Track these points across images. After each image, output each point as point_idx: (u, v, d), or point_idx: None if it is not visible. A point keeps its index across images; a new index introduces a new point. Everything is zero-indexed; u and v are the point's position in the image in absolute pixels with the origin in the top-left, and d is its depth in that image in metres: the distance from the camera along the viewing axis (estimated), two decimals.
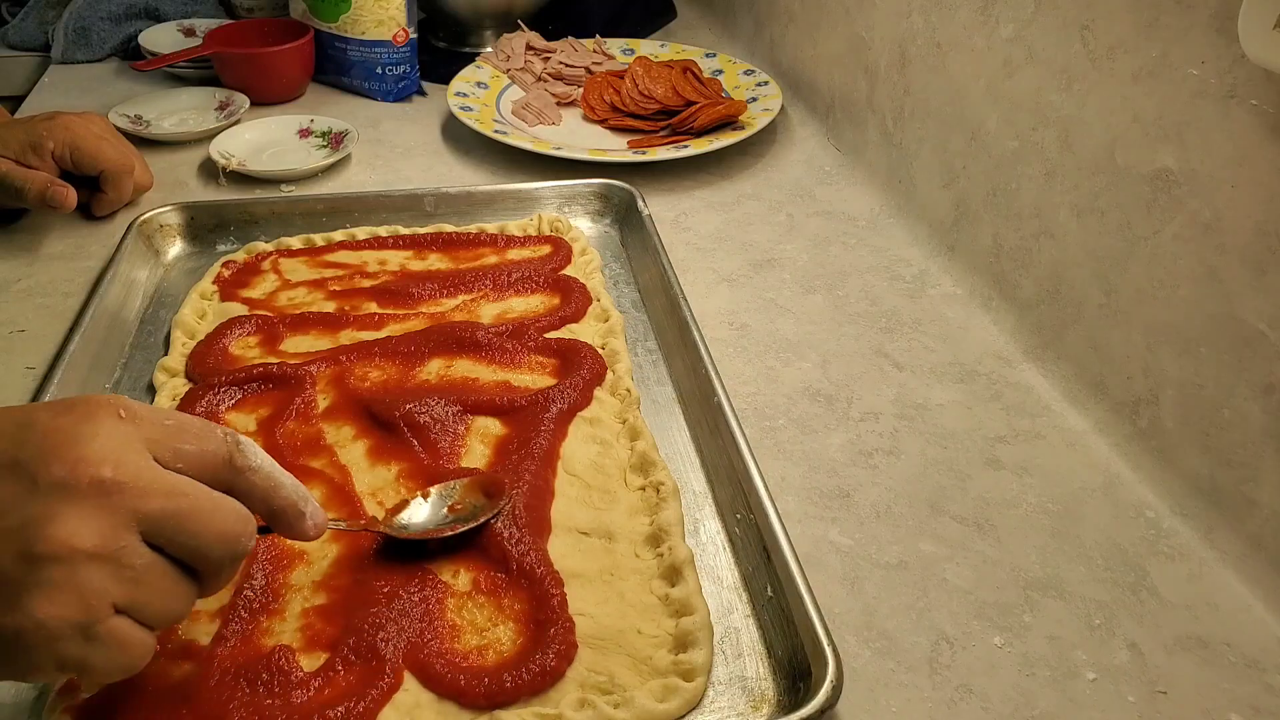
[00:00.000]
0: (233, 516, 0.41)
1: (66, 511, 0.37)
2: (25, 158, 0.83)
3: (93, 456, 0.38)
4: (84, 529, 0.37)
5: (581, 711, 0.47)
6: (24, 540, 0.37)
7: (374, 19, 1.13)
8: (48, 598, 0.37)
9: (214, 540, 0.40)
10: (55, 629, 0.37)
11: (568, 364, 0.69)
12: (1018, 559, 0.57)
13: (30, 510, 0.37)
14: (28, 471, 0.38)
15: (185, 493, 0.40)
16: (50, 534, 0.37)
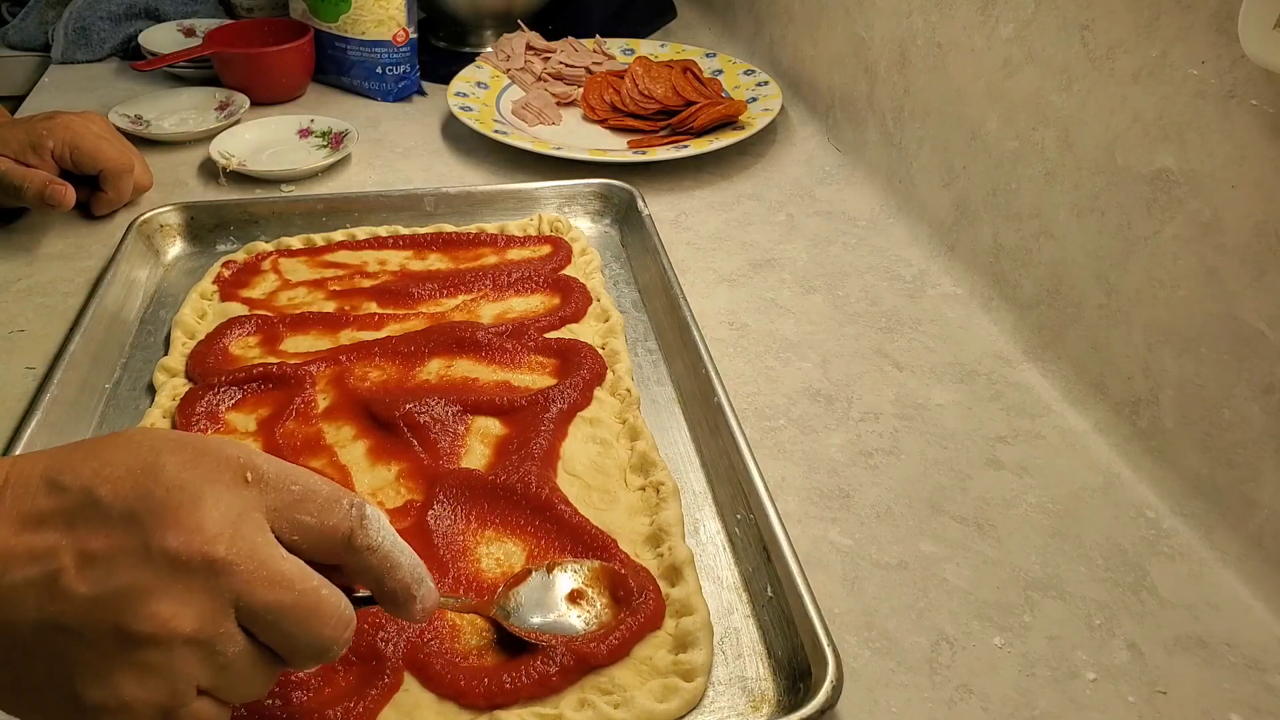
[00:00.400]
0: (333, 621, 0.39)
1: (172, 589, 0.36)
2: (25, 157, 0.83)
3: (210, 529, 0.36)
4: (186, 611, 0.36)
5: (581, 711, 0.47)
6: (124, 613, 0.35)
7: (374, 19, 1.13)
8: (138, 680, 0.36)
9: (308, 643, 0.39)
10: (139, 711, 0.36)
11: (568, 364, 0.69)
12: (1018, 559, 0.57)
13: (137, 578, 0.36)
14: (143, 529, 0.36)
15: (293, 586, 0.38)
16: (153, 612, 0.35)
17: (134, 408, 0.67)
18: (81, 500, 0.37)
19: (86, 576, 0.35)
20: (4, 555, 0.36)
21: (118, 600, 0.35)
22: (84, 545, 0.36)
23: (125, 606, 0.35)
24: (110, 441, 0.39)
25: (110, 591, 0.35)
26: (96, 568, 0.35)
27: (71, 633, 0.35)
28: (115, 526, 0.36)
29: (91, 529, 0.36)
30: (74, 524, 0.36)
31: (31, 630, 0.35)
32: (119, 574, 0.35)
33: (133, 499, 0.36)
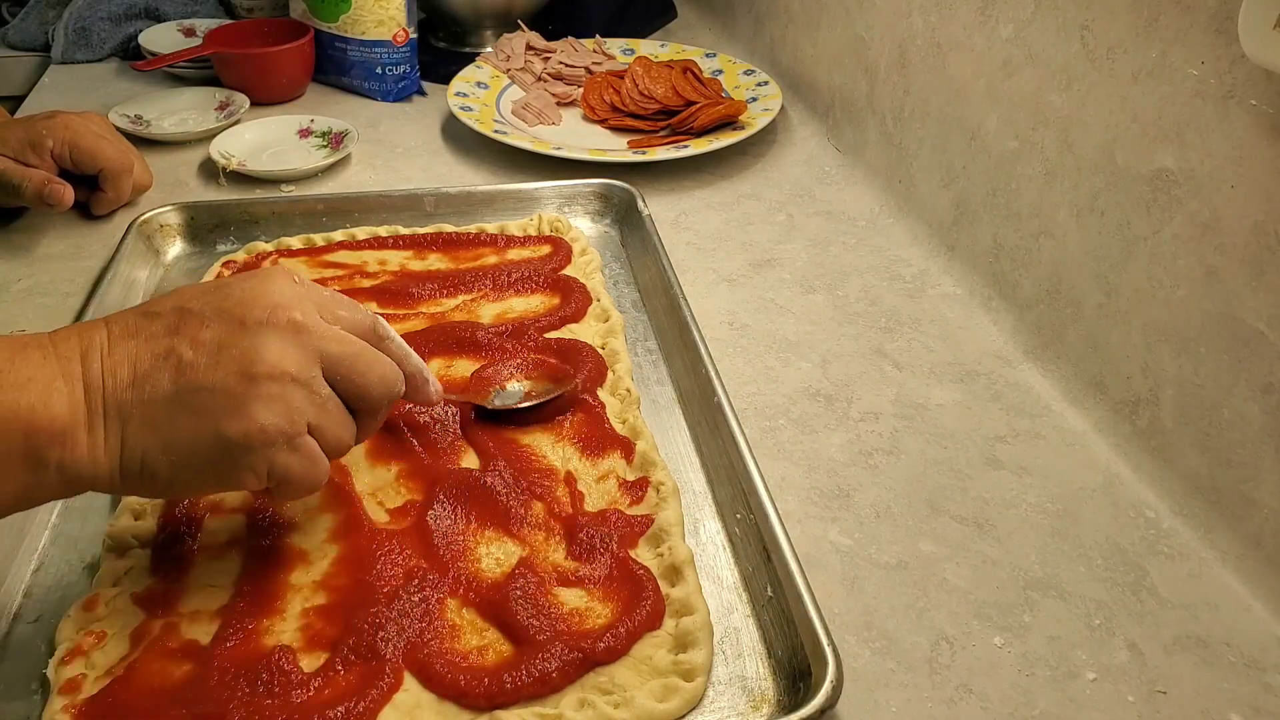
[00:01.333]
0: (389, 366, 0.50)
1: (272, 343, 0.45)
2: (24, 156, 0.83)
3: (285, 303, 0.46)
4: (288, 356, 0.45)
5: (581, 711, 0.47)
6: (245, 362, 0.44)
7: (374, 19, 1.13)
8: (267, 407, 0.45)
9: (376, 381, 0.49)
10: (272, 434, 0.45)
11: (568, 364, 0.69)
12: (1017, 559, 0.57)
13: (245, 341, 0.45)
14: (235, 315, 0.45)
15: (353, 341, 0.49)
16: (264, 357, 0.45)
17: None
18: (177, 314, 0.46)
19: (203, 351, 0.44)
20: (135, 359, 0.45)
21: (239, 358, 0.45)
22: (193, 336, 0.45)
23: (246, 359, 0.45)
24: (178, 287, 0.49)
25: (227, 354, 0.45)
26: (209, 344, 0.45)
27: (205, 389, 0.44)
28: (210, 320, 0.45)
29: (192, 327, 0.45)
30: (178, 330, 0.45)
31: (170, 398, 0.44)
32: (229, 343, 0.45)
33: (217, 300, 0.46)
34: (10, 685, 0.49)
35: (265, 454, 0.45)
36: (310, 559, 0.55)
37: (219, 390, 0.44)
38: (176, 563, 0.54)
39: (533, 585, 0.52)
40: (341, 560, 0.54)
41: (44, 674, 0.49)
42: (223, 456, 0.45)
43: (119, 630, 0.51)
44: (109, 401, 0.44)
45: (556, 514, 0.58)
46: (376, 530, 0.56)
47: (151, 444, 0.44)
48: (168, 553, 0.55)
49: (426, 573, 0.53)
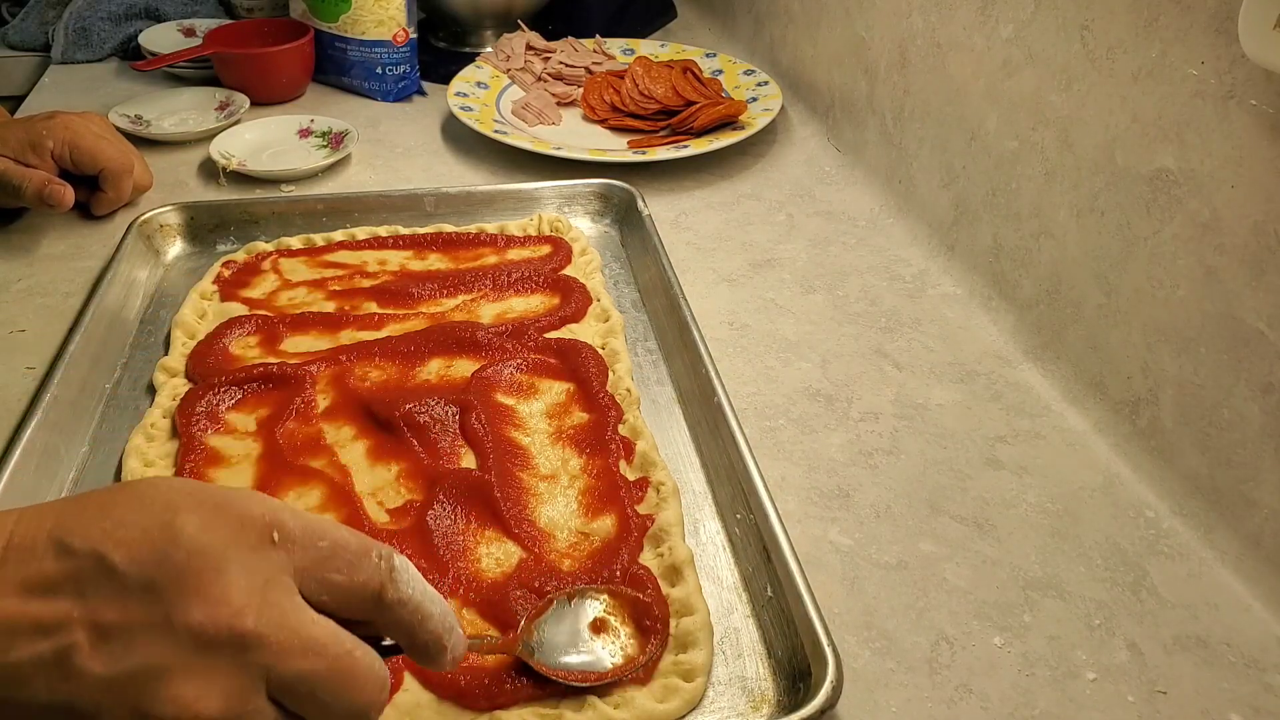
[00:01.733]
0: (370, 685, 0.36)
1: (196, 668, 0.33)
2: (24, 156, 0.83)
3: (236, 599, 0.34)
4: (212, 692, 0.33)
5: (581, 712, 0.47)
6: (143, 695, 0.33)
7: (374, 19, 1.13)
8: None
9: (344, 710, 0.36)
10: None
11: (568, 364, 0.69)
12: (1017, 559, 0.57)
13: (157, 656, 0.33)
14: (162, 601, 0.33)
15: (326, 652, 0.35)
16: (175, 694, 0.33)
17: (134, 408, 0.67)
18: (94, 566, 0.34)
19: (101, 653, 0.33)
20: (9, 627, 0.33)
21: (136, 681, 0.33)
22: (98, 617, 0.33)
23: (145, 688, 0.33)
24: (123, 495, 0.36)
25: (128, 671, 0.33)
26: (112, 643, 0.33)
27: (86, 717, 0.33)
28: (131, 596, 0.33)
29: (105, 599, 0.33)
30: (85, 592, 0.33)
31: (41, 711, 0.33)
32: (137, 651, 0.33)
33: (150, 565, 0.34)
34: None
35: None
36: None
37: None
38: None
39: (533, 585, 0.52)
40: None
41: None
42: None
43: None
44: None
45: (557, 514, 0.58)
46: (377, 530, 0.56)
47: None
48: None
49: (426, 573, 0.53)
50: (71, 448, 0.63)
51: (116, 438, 0.64)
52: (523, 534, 0.56)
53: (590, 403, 0.65)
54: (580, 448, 0.62)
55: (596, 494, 0.59)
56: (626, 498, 0.58)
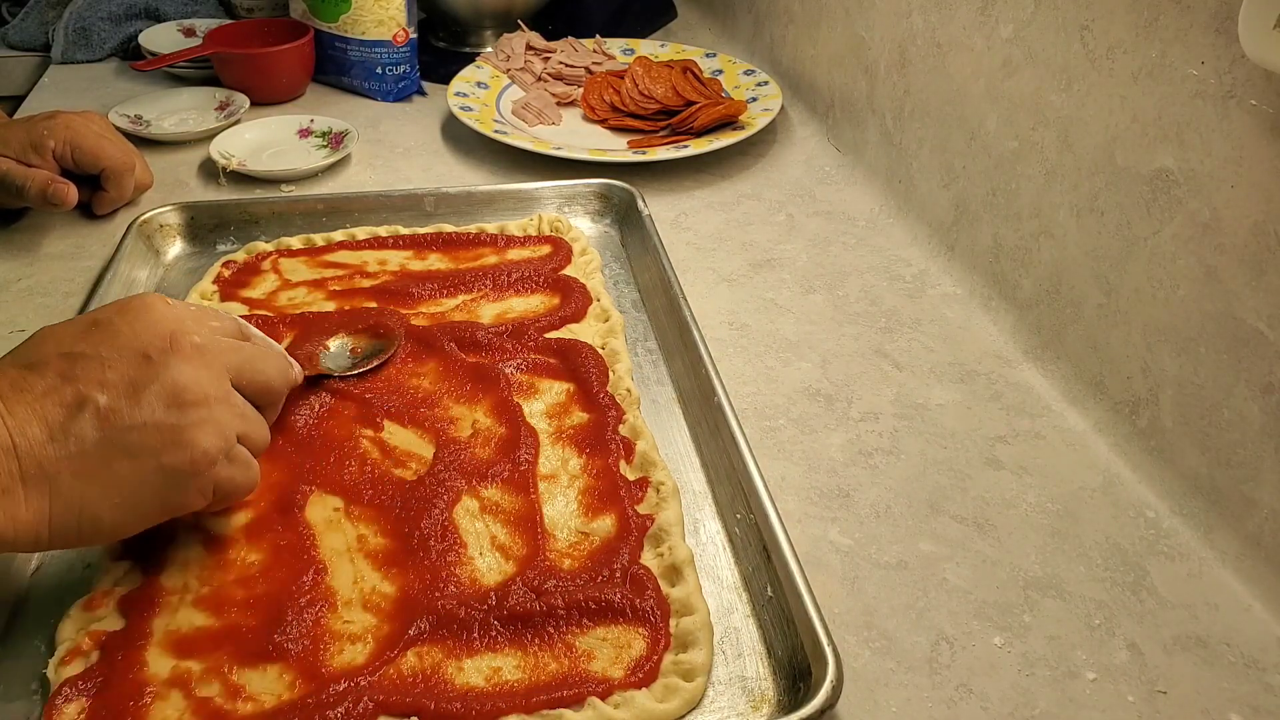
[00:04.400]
0: (278, 356, 0.54)
1: (185, 370, 0.47)
2: (26, 156, 0.83)
3: (178, 329, 0.47)
4: (203, 379, 0.47)
5: (581, 711, 0.47)
6: (169, 395, 0.46)
7: (374, 19, 1.13)
8: (203, 432, 0.47)
9: (276, 375, 0.53)
10: (213, 454, 0.47)
11: (568, 364, 0.69)
12: (1018, 559, 0.57)
13: (159, 374, 0.46)
14: (136, 350, 0.46)
15: (242, 346, 0.51)
16: (186, 385, 0.46)
17: None
18: (64, 361, 0.45)
19: (121, 392, 0.45)
20: (44, 414, 0.43)
21: (157, 392, 0.45)
22: (99, 378, 0.44)
23: (171, 392, 0.46)
24: (36, 334, 0.48)
25: (149, 390, 0.45)
26: (123, 384, 0.45)
27: (136, 428, 0.45)
28: (111, 362, 0.45)
29: (92, 370, 0.45)
30: (75, 376, 0.44)
31: (100, 445, 0.44)
32: (144, 378, 0.45)
33: (105, 340, 0.46)
34: (10, 685, 0.49)
35: (209, 474, 0.48)
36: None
37: (151, 427, 0.45)
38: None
39: (534, 585, 0.53)
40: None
41: (44, 674, 0.49)
42: (169, 487, 0.46)
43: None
44: (25, 463, 0.42)
45: (557, 514, 0.58)
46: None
47: (90, 494, 0.44)
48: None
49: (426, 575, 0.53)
50: None
51: None
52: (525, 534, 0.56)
53: (590, 403, 0.65)
54: (580, 448, 0.62)
55: (596, 494, 0.59)
56: (626, 498, 0.58)
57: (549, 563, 0.54)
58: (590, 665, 0.49)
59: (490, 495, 0.58)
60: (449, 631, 0.50)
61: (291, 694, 0.47)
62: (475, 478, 0.59)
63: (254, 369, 0.52)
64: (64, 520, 0.43)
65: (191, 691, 0.47)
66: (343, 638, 0.50)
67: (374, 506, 0.58)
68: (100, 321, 0.47)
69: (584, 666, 0.49)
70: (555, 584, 0.53)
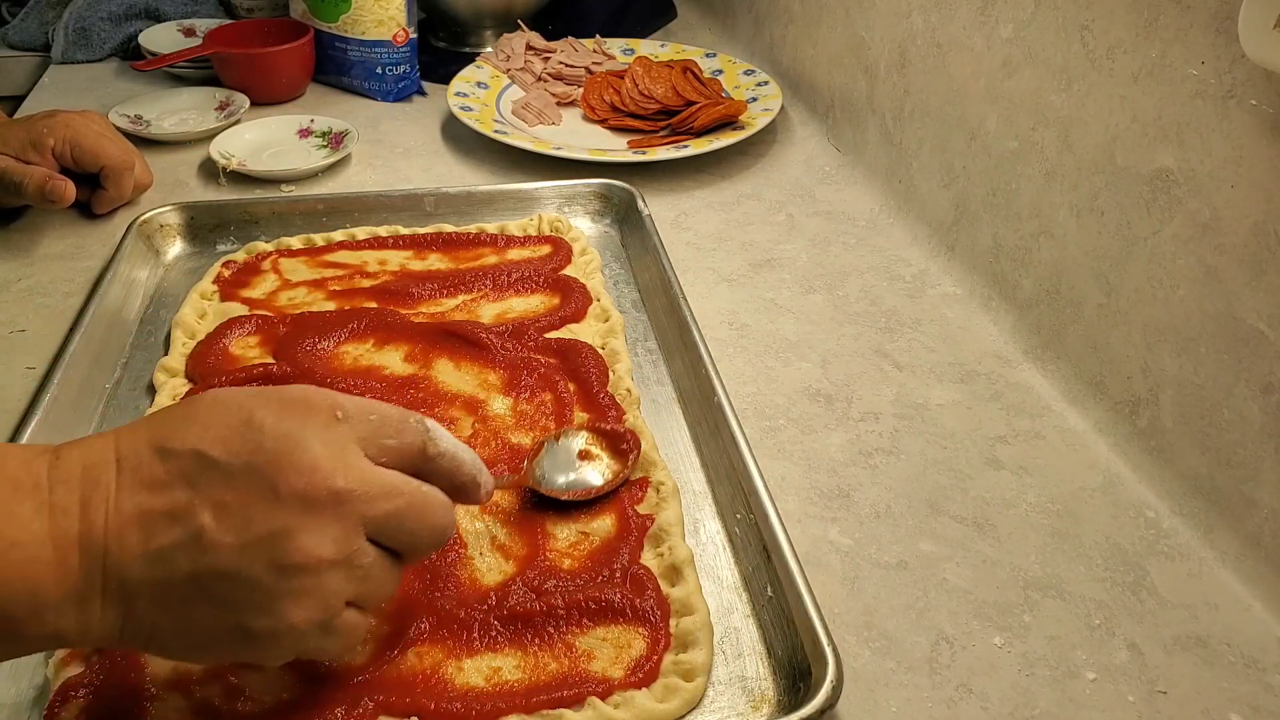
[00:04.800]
0: (440, 509, 0.45)
1: (309, 524, 0.40)
2: (25, 154, 0.83)
3: (325, 466, 0.41)
4: (325, 539, 0.40)
5: (581, 711, 0.47)
6: (275, 552, 0.39)
7: (374, 19, 1.13)
8: (298, 604, 0.40)
9: (427, 534, 0.44)
10: (301, 630, 0.41)
11: (568, 364, 0.69)
12: (1018, 559, 0.57)
13: (277, 521, 0.40)
14: (267, 479, 0.40)
15: (401, 491, 0.43)
16: (298, 546, 0.40)
17: (134, 408, 0.67)
18: (196, 462, 0.40)
19: (229, 526, 0.39)
20: (146, 521, 0.39)
21: (264, 543, 0.39)
22: (216, 499, 0.39)
23: (274, 546, 0.39)
24: (200, 405, 0.42)
25: (256, 537, 0.39)
26: (235, 517, 0.39)
27: (228, 577, 0.39)
28: (237, 480, 0.40)
29: (216, 486, 0.40)
30: (197, 484, 0.40)
31: (186, 581, 0.39)
32: (259, 519, 0.39)
33: (245, 454, 0.40)
34: (10, 685, 0.49)
35: (296, 644, 0.42)
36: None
37: (243, 581, 0.39)
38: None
39: (534, 585, 0.52)
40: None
41: (44, 674, 0.49)
42: (243, 644, 0.41)
43: None
44: (110, 573, 0.39)
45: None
46: None
47: (163, 625, 0.40)
48: None
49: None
50: None
51: None
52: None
53: (590, 403, 0.65)
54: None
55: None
56: (626, 498, 0.58)
57: (549, 563, 0.54)
58: (590, 665, 0.49)
59: None
60: (449, 631, 0.50)
61: (291, 694, 0.47)
62: None
63: (400, 525, 0.43)
64: (134, 636, 0.40)
65: (191, 692, 0.47)
66: None
67: None
68: (255, 424, 0.41)
69: (584, 666, 0.49)
70: (555, 584, 0.53)
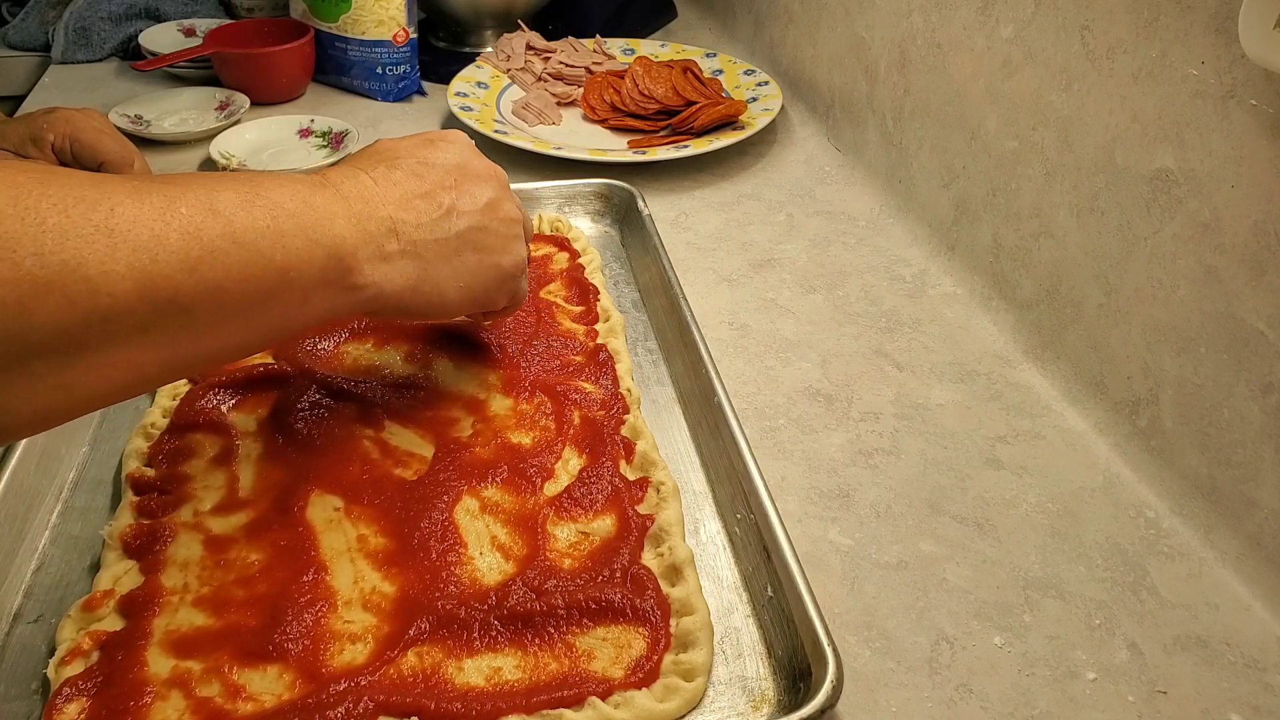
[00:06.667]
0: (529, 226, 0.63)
1: (504, 196, 0.58)
2: (25, 150, 0.83)
3: (501, 175, 0.59)
4: (513, 206, 0.59)
5: (581, 711, 0.47)
6: (500, 212, 0.57)
7: (374, 19, 1.13)
8: (519, 244, 0.59)
9: (528, 223, 0.62)
10: (523, 266, 0.60)
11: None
12: (1018, 559, 0.57)
13: (490, 194, 0.57)
14: (472, 170, 0.56)
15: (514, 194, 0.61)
16: (508, 209, 0.58)
17: (133, 407, 0.67)
18: (422, 165, 0.54)
19: (467, 201, 0.55)
20: (413, 202, 0.52)
21: (491, 206, 0.56)
22: (449, 184, 0.55)
23: (498, 208, 0.57)
24: (385, 144, 0.56)
25: (486, 203, 0.56)
26: (467, 195, 0.55)
27: (481, 229, 0.56)
28: (451, 172, 0.55)
29: (443, 177, 0.55)
30: (429, 178, 0.54)
31: (456, 238, 0.54)
32: (481, 195, 0.56)
33: (452, 156, 0.56)
34: (10, 685, 0.49)
35: (518, 280, 0.59)
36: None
37: (492, 233, 0.56)
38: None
39: (534, 585, 0.53)
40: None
41: (44, 674, 0.49)
42: (497, 280, 0.57)
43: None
44: (404, 237, 0.51)
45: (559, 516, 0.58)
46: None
47: (444, 274, 0.54)
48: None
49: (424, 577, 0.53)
50: (71, 448, 0.63)
51: (116, 437, 0.64)
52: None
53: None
54: (580, 448, 0.62)
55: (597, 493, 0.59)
56: (626, 498, 0.58)
57: (549, 563, 0.54)
58: (590, 665, 0.49)
59: (490, 495, 0.58)
60: (449, 631, 0.50)
61: (291, 694, 0.47)
62: (475, 478, 0.59)
63: (526, 221, 0.61)
64: (423, 290, 0.53)
65: (192, 691, 0.47)
66: (343, 638, 0.50)
67: (374, 506, 0.58)
68: (433, 140, 0.56)
69: (584, 666, 0.49)
70: (555, 584, 0.53)
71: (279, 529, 0.56)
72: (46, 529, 0.58)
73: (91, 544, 0.57)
